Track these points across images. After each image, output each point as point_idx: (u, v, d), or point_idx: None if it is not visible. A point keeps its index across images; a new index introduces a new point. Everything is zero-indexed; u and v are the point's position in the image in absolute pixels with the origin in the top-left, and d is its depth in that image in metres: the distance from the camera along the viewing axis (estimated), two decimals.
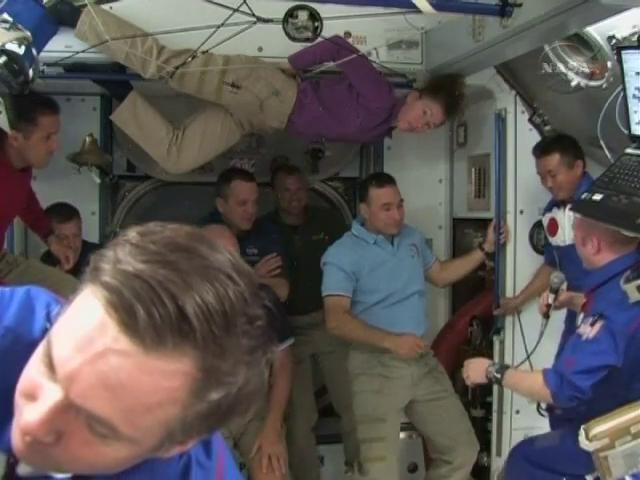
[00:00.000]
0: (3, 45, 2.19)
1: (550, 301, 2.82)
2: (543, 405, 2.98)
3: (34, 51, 2.33)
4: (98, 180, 3.65)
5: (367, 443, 3.24)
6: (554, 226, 3.31)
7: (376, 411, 3.22)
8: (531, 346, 2.98)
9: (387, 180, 3.36)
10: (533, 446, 2.88)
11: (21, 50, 2.24)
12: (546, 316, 2.86)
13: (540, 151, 3.22)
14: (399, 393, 3.28)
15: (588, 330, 2.39)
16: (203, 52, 2.94)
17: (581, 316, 2.61)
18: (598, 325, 2.36)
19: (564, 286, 2.92)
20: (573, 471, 2.70)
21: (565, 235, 3.22)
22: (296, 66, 3.17)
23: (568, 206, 3.12)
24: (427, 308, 3.46)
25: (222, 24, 2.77)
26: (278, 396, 3.11)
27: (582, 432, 2.08)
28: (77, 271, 3.20)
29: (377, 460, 3.22)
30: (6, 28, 2.22)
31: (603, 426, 2.06)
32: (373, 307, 3.26)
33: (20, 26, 2.25)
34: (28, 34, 2.27)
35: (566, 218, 3.19)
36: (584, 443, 2.07)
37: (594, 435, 2.05)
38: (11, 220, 3.14)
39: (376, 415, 3.22)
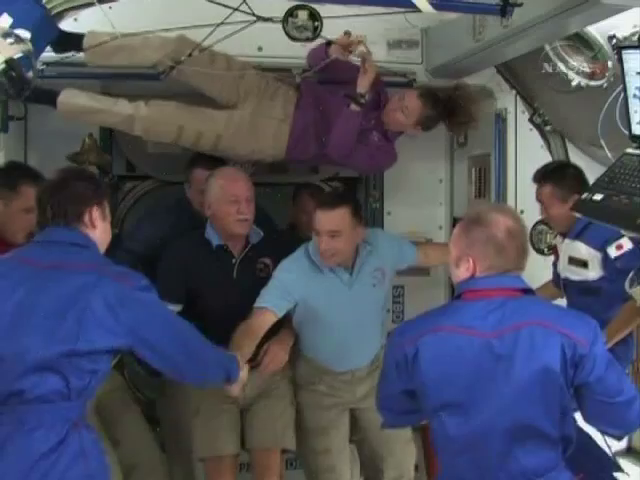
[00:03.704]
0: (11, 59, 2.19)
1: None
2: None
3: (33, 60, 2.33)
4: None
5: (315, 455, 3.14)
6: (556, 253, 3.26)
7: (318, 424, 3.11)
8: None
9: (328, 203, 2.90)
10: None
11: (22, 60, 2.24)
12: None
13: (536, 178, 3.08)
14: (340, 407, 3.15)
15: None
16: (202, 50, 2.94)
17: None
18: None
19: None
20: None
21: (561, 266, 3.16)
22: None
23: (565, 241, 3.08)
24: (383, 331, 3.12)
25: (220, 23, 2.76)
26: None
27: None
28: None
29: (327, 471, 3.11)
30: (11, 43, 2.22)
31: None
32: (317, 337, 3.04)
33: (23, 37, 2.25)
34: (31, 46, 2.27)
35: (562, 250, 3.12)
36: None
37: None
38: None
39: (318, 429, 3.11)
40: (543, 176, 3.06)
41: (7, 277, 2.15)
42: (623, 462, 2.86)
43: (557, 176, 3.02)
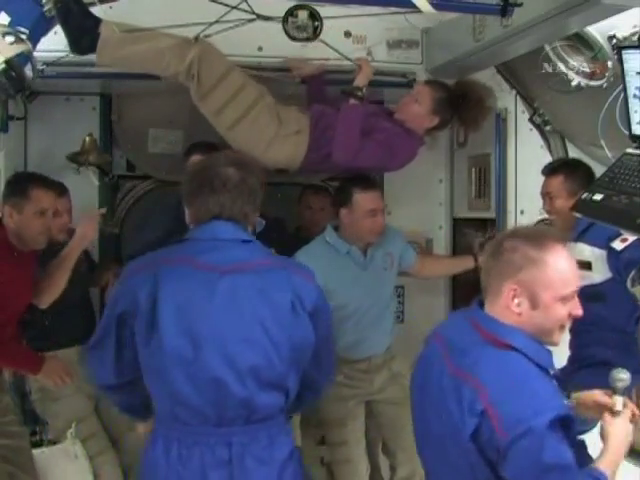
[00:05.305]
0: (10, 59, 2.19)
1: (619, 407, 1.87)
2: None
3: (33, 59, 2.33)
4: (97, 182, 3.66)
5: (332, 447, 3.25)
6: None
7: (336, 415, 3.18)
8: None
9: (373, 184, 3.22)
10: None
11: (22, 59, 2.25)
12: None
13: (547, 170, 3.09)
14: (360, 399, 3.23)
15: None
16: None
17: None
18: None
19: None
20: None
21: None
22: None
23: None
24: (394, 319, 3.39)
25: (216, 21, 2.77)
26: None
27: None
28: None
29: (343, 463, 3.21)
30: (10, 42, 2.22)
31: None
32: (335, 323, 3.01)
33: (23, 36, 2.25)
34: (30, 46, 2.27)
35: None
36: None
37: None
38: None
39: (337, 420, 3.18)
40: (556, 167, 3.08)
41: (190, 288, 2.00)
42: (623, 462, 2.82)
43: (570, 169, 3.02)
